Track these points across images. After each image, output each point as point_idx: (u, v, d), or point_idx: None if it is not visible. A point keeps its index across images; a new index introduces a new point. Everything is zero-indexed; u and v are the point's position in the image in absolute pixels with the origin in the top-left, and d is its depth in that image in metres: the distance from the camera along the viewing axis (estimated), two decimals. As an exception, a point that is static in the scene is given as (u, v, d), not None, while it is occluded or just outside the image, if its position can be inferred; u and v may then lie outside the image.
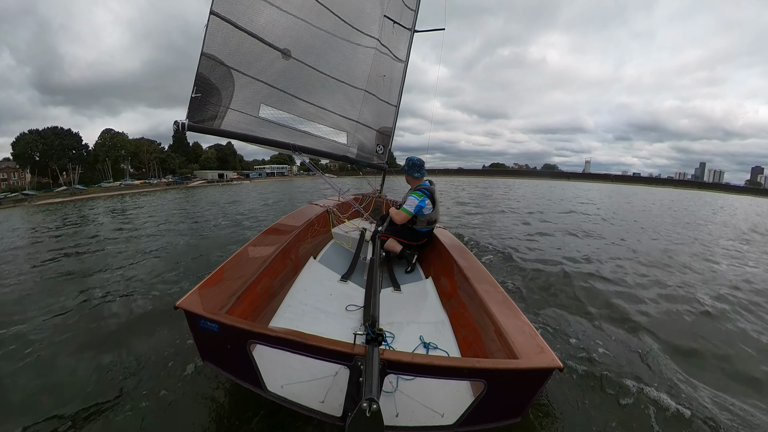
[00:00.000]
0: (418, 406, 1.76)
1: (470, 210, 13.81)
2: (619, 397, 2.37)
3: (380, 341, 1.49)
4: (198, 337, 1.84)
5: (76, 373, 2.67)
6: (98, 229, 10.78)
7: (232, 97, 3.12)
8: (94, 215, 15.88)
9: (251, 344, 1.66)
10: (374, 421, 1.12)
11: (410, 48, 4.49)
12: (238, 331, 1.65)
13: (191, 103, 2.87)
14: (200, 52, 2.78)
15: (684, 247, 7.66)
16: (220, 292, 2.12)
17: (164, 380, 2.52)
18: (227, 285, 2.24)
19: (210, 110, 3.01)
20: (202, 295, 1.99)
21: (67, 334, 3.24)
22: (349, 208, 4.78)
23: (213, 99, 3.00)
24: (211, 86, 2.95)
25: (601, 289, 4.42)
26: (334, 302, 2.81)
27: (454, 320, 2.56)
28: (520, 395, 1.61)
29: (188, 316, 1.78)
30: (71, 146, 61.16)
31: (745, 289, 4.76)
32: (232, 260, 2.62)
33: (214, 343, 1.80)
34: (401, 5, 4.18)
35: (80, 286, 4.60)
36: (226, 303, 2.04)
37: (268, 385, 1.70)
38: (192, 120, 2.92)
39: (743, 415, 2.26)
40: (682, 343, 3.16)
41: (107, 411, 2.26)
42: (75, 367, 2.74)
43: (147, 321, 3.47)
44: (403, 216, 3.41)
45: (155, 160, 75.06)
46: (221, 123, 3.13)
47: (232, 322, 1.70)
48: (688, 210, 19.90)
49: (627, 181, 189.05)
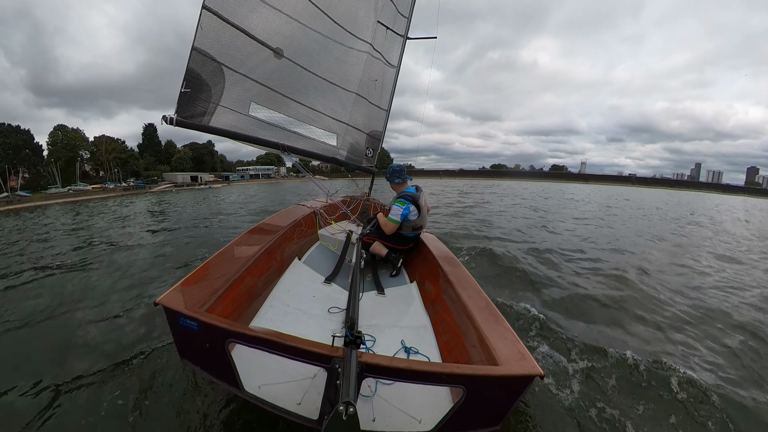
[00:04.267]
0: (395, 411, 1.76)
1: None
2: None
3: (358, 344, 1.47)
4: (177, 334, 1.81)
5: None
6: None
7: (222, 93, 3.09)
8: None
9: (230, 343, 1.64)
10: (351, 425, 1.10)
11: (402, 54, 4.53)
12: (217, 330, 1.63)
13: (180, 97, 2.83)
14: (191, 47, 2.75)
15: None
16: (201, 290, 2.09)
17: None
18: (209, 283, 2.21)
19: (199, 106, 2.98)
20: (183, 292, 1.97)
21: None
22: (337, 210, 4.76)
23: (203, 95, 2.96)
24: (202, 82, 2.91)
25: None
26: (316, 304, 2.79)
27: (436, 325, 2.57)
28: (499, 402, 1.59)
29: (167, 313, 1.76)
30: (17, 146, 49.87)
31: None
32: (215, 258, 2.59)
33: (192, 341, 1.77)
34: (395, 12, 4.22)
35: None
36: (207, 301, 2.02)
37: (246, 385, 1.68)
38: (181, 115, 2.88)
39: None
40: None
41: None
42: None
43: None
44: (391, 227, 3.42)
45: (114, 161, 63.39)
46: (210, 120, 3.09)
47: (212, 320, 1.68)
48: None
49: (623, 182, 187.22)
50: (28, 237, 10.09)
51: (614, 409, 2.36)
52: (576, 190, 51.76)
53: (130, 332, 3.20)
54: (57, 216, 17.40)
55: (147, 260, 6.06)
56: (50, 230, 11.40)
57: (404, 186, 3.62)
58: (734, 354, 3.21)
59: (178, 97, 2.83)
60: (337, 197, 4.78)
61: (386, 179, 3.73)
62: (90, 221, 13.50)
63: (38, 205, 29.64)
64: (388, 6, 4.10)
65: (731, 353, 3.22)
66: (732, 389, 2.65)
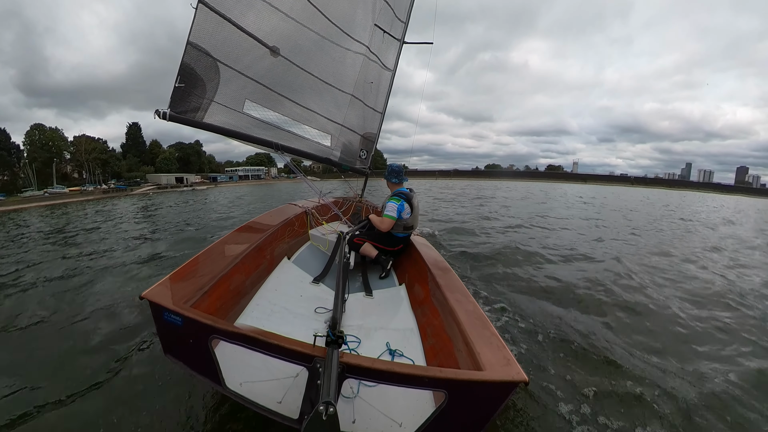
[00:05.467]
0: (376, 413, 1.75)
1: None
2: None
3: (340, 344, 1.45)
4: (161, 329, 1.80)
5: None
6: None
7: (217, 90, 3.07)
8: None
9: (213, 340, 1.63)
10: (330, 426, 1.09)
11: (398, 58, 4.56)
12: (201, 325, 1.63)
13: (174, 92, 2.81)
14: (186, 41, 2.74)
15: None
16: (187, 285, 2.08)
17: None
18: (196, 279, 2.20)
19: (193, 102, 2.96)
20: (169, 287, 1.95)
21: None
22: (329, 211, 4.76)
23: (197, 90, 2.94)
24: (196, 77, 2.90)
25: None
26: (303, 304, 2.79)
27: (423, 328, 2.57)
28: (482, 408, 1.55)
29: (153, 307, 1.75)
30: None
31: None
32: (203, 254, 2.58)
33: (176, 336, 1.77)
34: (392, 16, 4.25)
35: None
36: (193, 296, 2.01)
37: (228, 382, 1.68)
38: (174, 110, 2.85)
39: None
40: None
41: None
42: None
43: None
44: (388, 223, 3.43)
45: (95, 161, 60.60)
46: (204, 116, 3.07)
47: (196, 316, 1.67)
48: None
49: (621, 182, 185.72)
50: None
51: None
52: (581, 191, 48.87)
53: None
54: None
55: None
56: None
57: (399, 186, 3.69)
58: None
59: (171, 91, 2.81)
60: (328, 198, 4.78)
61: (384, 177, 3.83)
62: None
63: (7, 210, 26.55)
64: (385, 10, 4.13)
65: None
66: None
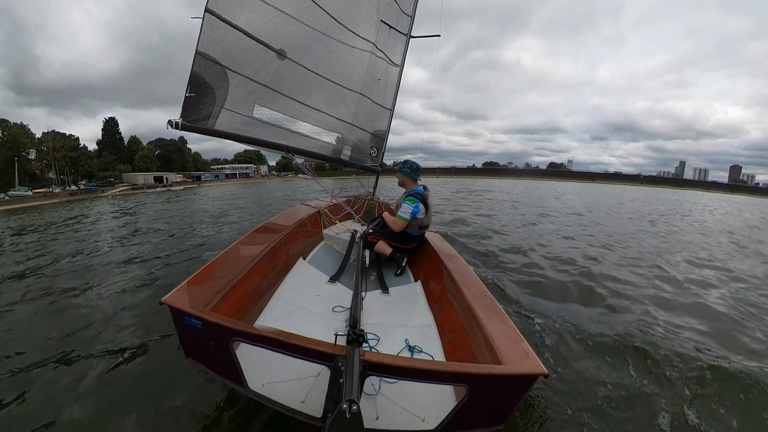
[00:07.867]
0: (399, 409, 1.76)
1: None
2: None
3: (361, 342, 1.48)
4: (182, 333, 1.84)
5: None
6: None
7: (227, 96, 3.13)
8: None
9: (234, 342, 1.66)
10: (354, 423, 1.11)
11: (406, 53, 4.53)
12: (222, 329, 1.66)
13: (185, 102, 2.87)
14: (195, 51, 2.78)
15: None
16: (206, 289, 2.12)
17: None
18: (214, 282, 2.24)
19: (204, 110, 3.02)
20: (188, 292, 2.00)
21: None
22: (341, 210, 4.78)
23: (207, 98, 3.00)
24: (206, 85, 2.95)
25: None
26: (321, 303, 2.81)
27: (440, 324, 2.57)
28: (503, 401, 1.57)
29: (173, 312, 1.79)
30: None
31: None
32: (220, 257, 2.62)
33: (197, 340, 1.80)
34: (398, 11, 4.22)
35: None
36: (212, 300, 2.05)
37: (250, 384, 1.70)
38: (186, 119, 2.92)
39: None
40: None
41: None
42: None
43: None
44: (400, 224, 3.41)
45: (64, 160, 54.10)
46: (215, 123, 3.13)
47: (216, 319, 1.70)
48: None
49: (631, 181, 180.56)
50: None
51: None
52: (610, 190, 46.32)
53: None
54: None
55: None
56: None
57: (414, 184, 3.62)
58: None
59: (183, 101, 2.87)
60: (340, 197, 4.80)
61: (400, 171, 3.62)
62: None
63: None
64: (391, 5, 4.10)
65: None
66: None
